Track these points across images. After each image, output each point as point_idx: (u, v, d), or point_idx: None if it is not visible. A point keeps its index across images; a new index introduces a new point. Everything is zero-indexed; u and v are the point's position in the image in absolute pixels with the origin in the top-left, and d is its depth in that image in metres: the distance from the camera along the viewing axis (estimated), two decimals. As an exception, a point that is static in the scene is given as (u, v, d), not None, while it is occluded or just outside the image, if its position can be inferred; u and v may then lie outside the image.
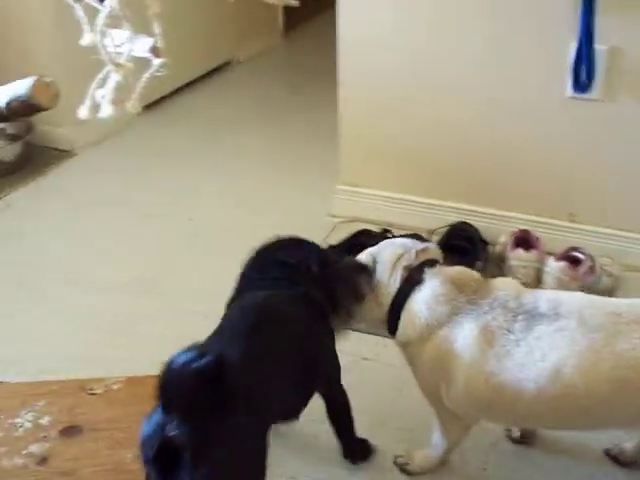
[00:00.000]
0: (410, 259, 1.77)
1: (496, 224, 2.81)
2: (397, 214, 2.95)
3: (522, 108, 2.67)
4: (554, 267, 2.53)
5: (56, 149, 3.81)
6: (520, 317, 1.62)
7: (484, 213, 2.85)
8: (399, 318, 1.75)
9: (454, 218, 2.86)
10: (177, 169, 3.58)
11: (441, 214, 2.89)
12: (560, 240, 2.69)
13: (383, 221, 2.91)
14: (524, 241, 2.66)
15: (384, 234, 2.65)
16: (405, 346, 1.78)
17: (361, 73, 2.86)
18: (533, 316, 1.62)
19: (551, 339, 1.59)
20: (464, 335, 1.64)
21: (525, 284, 1.78)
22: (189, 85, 4.44)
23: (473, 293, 1.69)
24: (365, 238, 2.53)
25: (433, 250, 1.84)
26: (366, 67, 2.84)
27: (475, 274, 1.77)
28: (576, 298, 1.67)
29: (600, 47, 2.43)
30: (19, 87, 1.17)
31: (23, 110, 1.16)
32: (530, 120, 2.68)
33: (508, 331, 1.61)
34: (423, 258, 1.78)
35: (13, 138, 3.73)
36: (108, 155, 3.73)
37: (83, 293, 2.72)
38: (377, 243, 1.89)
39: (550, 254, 2.60)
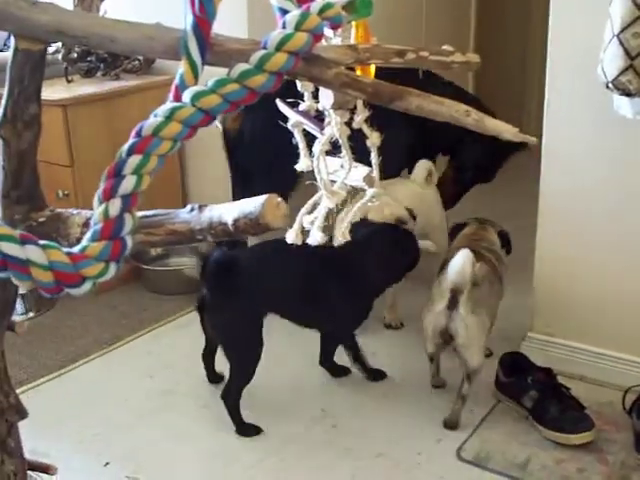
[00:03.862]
0: None
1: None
2: (589, 367, 2.80)
3: None
4: None
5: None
6: None
7: (686, 375, 2.66)
8: None
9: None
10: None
11: (638, 371, 2.71)
12: None
13: (574, 373, 2.77)
14: None
15: None
16: None
17: (561, 220, 2.78)
18: None
19: None
20: None
21: None
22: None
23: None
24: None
25: None
26: (568, 214, 2.76)
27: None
28: None
29: None
30: (248, 205, 1.16)
31: (250, 228, 1.15)
32: None
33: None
34: None
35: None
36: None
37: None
38: None
39: None
